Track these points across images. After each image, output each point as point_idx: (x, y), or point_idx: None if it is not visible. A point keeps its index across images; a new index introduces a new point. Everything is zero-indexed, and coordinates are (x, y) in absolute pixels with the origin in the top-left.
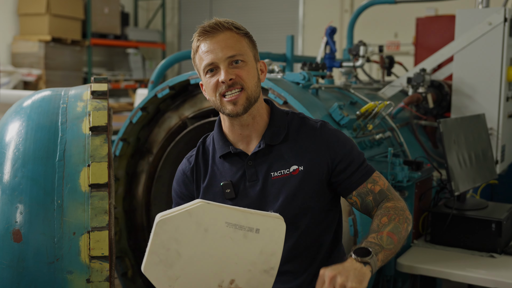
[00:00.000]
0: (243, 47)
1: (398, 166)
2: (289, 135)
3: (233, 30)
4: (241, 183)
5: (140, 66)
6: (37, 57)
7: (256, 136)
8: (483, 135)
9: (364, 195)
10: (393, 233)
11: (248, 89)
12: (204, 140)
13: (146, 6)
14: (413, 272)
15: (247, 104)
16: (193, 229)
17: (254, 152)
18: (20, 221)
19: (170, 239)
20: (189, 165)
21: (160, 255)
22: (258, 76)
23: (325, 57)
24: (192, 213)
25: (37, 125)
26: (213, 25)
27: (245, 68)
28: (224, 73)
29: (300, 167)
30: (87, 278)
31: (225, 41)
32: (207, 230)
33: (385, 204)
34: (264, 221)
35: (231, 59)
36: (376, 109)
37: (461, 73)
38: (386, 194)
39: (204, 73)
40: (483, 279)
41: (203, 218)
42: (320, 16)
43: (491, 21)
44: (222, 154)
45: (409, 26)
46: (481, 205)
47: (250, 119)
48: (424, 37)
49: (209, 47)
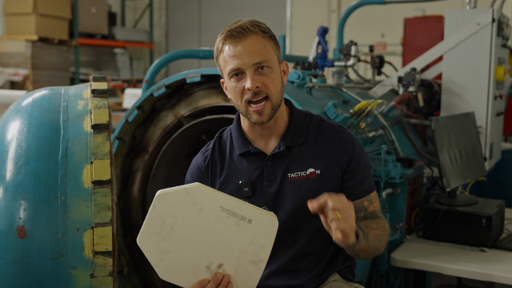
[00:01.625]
0: (269, 52)
1: (391, 163)
2: (308, 137)
3: (259, 33)
4: (259, 182)
5: (127, 66)
6: (23, 57)
7: (275, 136)
8: (473, 133)
9: (358, 209)
10: (377, 238)
11: (273, 98)
12: (221, 135)
13: (133, 6)
14: (406, 267)
15: (272, 113)
16: (189, 207)
17: (273, 153)
18: (24, 218)
19: (167, 214)
20: (205, 160)
21: (155, 227)
22: (282, 81)
23: (317, 56)
24: (189, 192)
25: (39, 123)
26: (239, 29)
27: (270, 76)
28: (251, 81)
29: (317, 171)
30: (91, 273)
31: (251, 46)
32: (202, 210)
33: (376, 219)
34: (257, 214)
35: (257, 65)
36: (369, 108)
37: (451, 73)
38: (377, 216)
39: (229, 77)
40: (475, 273)
41: (199, 198)
42: (308, 16)
43: (480, 21)
44: (241, 152)
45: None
46: (471, 201)
47: (272, 122)
48: (412, 37)
49: (234, 52)
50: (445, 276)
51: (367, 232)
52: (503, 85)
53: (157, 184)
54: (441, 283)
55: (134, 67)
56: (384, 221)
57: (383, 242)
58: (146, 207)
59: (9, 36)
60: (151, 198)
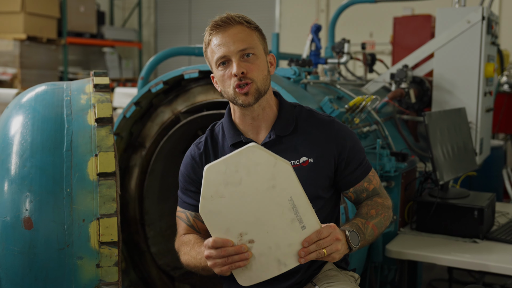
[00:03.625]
0: (254, 41)
1: (385, 157)
2: (298, 127)
3: (244, 24)
4: None
5: (116, 65)
6: (12, 56)
7: (265, 126)
8: (464, 128)
9: (360, 192)
10: (376, 227)
11: (258, 82)
12: (213, 128)
13: (122, 5)
14: (401, 258)
15: (257, 94)
16: (266, 176)
17: (264, 143)
18: (31, 209)
19: (245, 166)
20: (198, 150)
21: (228, 169)
22: (268, 69)
23: (311, 54)
24: (276, 165)
25: (43, 117)
26: (224, 19)
27: (255, 62)
28: (236, 67)
29: (310, 159)
30: (97, 263)
31: (237, 34)
32: (274, 188)
33: (375, 198)
34: (313, 225)
35: (243, 52)
36: (363, 103)
37: (441, 70)
38: (378, 192)
39: (217, 66)
40: (468, 262)
41: (280, 176)
42: (297, 16)
43: (470, 19)
44: (233, 143)
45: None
46: (463, 194)
47: (260, 110)
48: (401, 36)
49: (221, 41)
50: (436, 270)
51: (365, 228)
52: (492, 81)
53: (154, 180)
54: (433, 276)
55: (123, 66)
56: (384, 198)
57: (385, 223)
58: (143, 202)
59: None
60: (148, 193)
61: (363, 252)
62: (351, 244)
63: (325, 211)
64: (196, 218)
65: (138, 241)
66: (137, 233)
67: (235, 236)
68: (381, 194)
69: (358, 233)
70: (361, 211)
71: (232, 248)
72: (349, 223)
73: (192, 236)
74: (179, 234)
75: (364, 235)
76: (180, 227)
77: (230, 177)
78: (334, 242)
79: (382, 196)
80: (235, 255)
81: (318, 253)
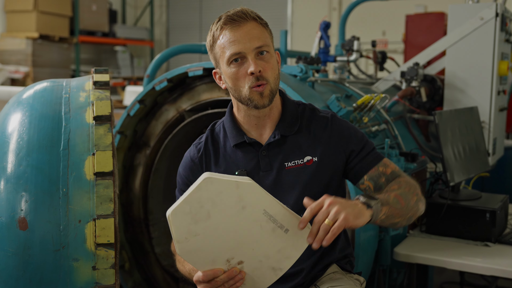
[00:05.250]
0: (267, 38)
1: (394, 157)
2: (302, 126)
3: (257, 20)
4: (255, 172)
5: (128, 63)
6: (24, 54)
7: (270, 125)
8: (476, 128)
9: (377, 177)
10: (401, 197)
11: (272, 82)
12: (213, 128)
13: (134, 3)
14: (410, 261)
15: (271, 96)
16: (233, 200)
17: (268, 142)
18: (26, 209)
19: (208, 199)
20: (198, 152)
21: (192, 208)
22: (279, 68)
23: (320, 51)
24: (239, 187)
25: (41, 115)
26: (240, 14)
27: (270, 61)
28: (254, 65)
29: (314, 158)
30: (93, 265)
31: (252, 31)
32: (245, 208)
33: (397, 178)
34: (295, 220)
35: (258, 49)
36: (372, 102)
37: (454, 67)
38: (398, 174)
39: (228, 63)
40: (479, 267)
41: (247, 196)
42: (309, 14)
43: (483, 16)
44: (236, 143)
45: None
46: (475, 196)
47: (268, 110)
48: (413, 34)
49: (236, 37)
50: (448, 272)
51: (386, 197)
52: (506, 80)
53: (158, 179)
54: (444, 279)
55: (134, 64)
56: (407, 177)
57: (413, 198)
58: (148, 202)
59: (10, 33)
60: (152, 193)
61: (370, 254)
62: (369, 203)
63: None
64: None
65: (143, 241)
66: (142, 233)
67: (223, 263)
68: (403, 175)
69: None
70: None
71: (224, 275)
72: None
73: None
74: None
75: (387, 201)
76: None
77: (197, 215)
78: (331, 207)
79: (405, 177)
80: (229, 280)
81: (323, 229)
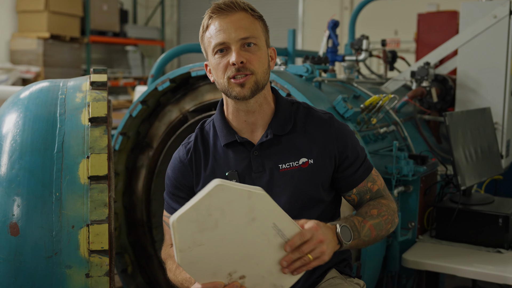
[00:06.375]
0: (257, 30)
1: (403, 160)
2: (296, 125)
3: (248, 11)
4: (247, 173)
5: (139, 63)
6: (35, 54)
7: (262, 124)
8: (489, 129)
9: (363, 193)
10: (375, 229)
11: (258, 74)
12: (203, 127)
13: (145, 3)
14: (418, 268)
15: (255, 88)
16: (243, 211)
17: (260, 142)
18: (18, 214)
19: (217, 207)
20: (187, 153)
21: (200, 216)
22: (268, 63)
23: (328, 50)
24: (251, 197)
25: (35, 116)
26: (228, 3)
27: (257, 53)
28: (236, 55)
29: (310, 160)
30: (86, 272)
31: (240, 21)
32: (254, 220)
33: (379, 199)
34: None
35: (244, 41)
36: (380, 102)
37: (466, 67)
38: (382, 194)
39: (213, 52)
40: (491, 275)
41: (258, 207)
42: (320, 13)
43: (496, 14)
44: (227, 143)
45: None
46: (487, 200)
47: (257, 106)
48: (425, 33)
49: (222, 26)
50: (459, 277)
51: (361, 227)
52: None
53: (162, 181)
54: (455, 284)
55: (145, 64)
56: (388, 200)
57: (386, 227)
58: (151, 204)
59: (21, 33)
60: (155, 195)
61: (378, 260)
62: (341, 239)
63: (326, 215)
64: None
65: (145, 244)
66: (144, 236)
67: (224, 277)
68: (385, 196)
69: (352, 230)
70: (361, 210)
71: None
72: (344, 218)
73: None
74: (166, 243)
75: (358, 234)
76: (167, 235)
77: (205, 223)
78: (318, 245)
79: (387, 198)
80: None
81: (302, 260)
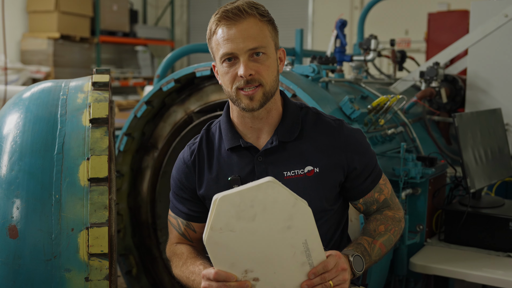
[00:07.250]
0: (266, 37)
1: (411, 162)
2: (303, 132)
3: (256, 17)
4: (249, 179)
5: (148, 63)
6: (46, 55)
7: (268, 129)
8: (499, 131)
9: (370, 204)
10: (384, 246)
11: (267, 85)
12: (209, 128)
13: (155, 3)
14: (426, 272)
15: (264, 100)
16: (283, 215)
17: (265, 149)
18: (17, 217)
19: (260, 202)
20: (191, 155)
21: (242, 202)
22: (278, 69)
23: (335, 50)
24: (296, 205)
25: (36, 117)
26: (235, 11)
27: (265, 63)
28: (244, 68)
29: (315, 169)
30: (86, 276)
31: (248, 30)
32: (289, 229)
33: (385, 211)
34: None
35: (252, 51)
36: (388, 103)
37: (476, 67)
38: (389, 204)
39: (221, 61)
40: (501, 280)
41: (298, 218)
42: (330, 13)
43: (507, 13)
44: (231, 147)
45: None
46: (497, 203)
47: (265, 113)
48: (436, 33)
49: (229, 35)
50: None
51: (371, 248)
52: None
53: (167, 182)
54: (466, 286)
55: (155, 64)
56: (396, 210)
57: (392, 243)
58: (156, 206)
59: (32, 33)
60: (160, 196)
61: (384, 264)
62: (354, 270)
63: (330, 223)
64: (188, 227)
65: (150, 246)
66: (149, 237)
67: (240, 272)
68: (392, 206)
69: (363, 256)
70: (369, 226)
71: (234, 283)
72: (354, 243)
73: (185, 248)
74: (171, 242)
75: (370, 257)
76: (171, 234)
77: (244, 212)
78: (340, 273)
79: (393, 208)
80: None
81: (323, 285)
